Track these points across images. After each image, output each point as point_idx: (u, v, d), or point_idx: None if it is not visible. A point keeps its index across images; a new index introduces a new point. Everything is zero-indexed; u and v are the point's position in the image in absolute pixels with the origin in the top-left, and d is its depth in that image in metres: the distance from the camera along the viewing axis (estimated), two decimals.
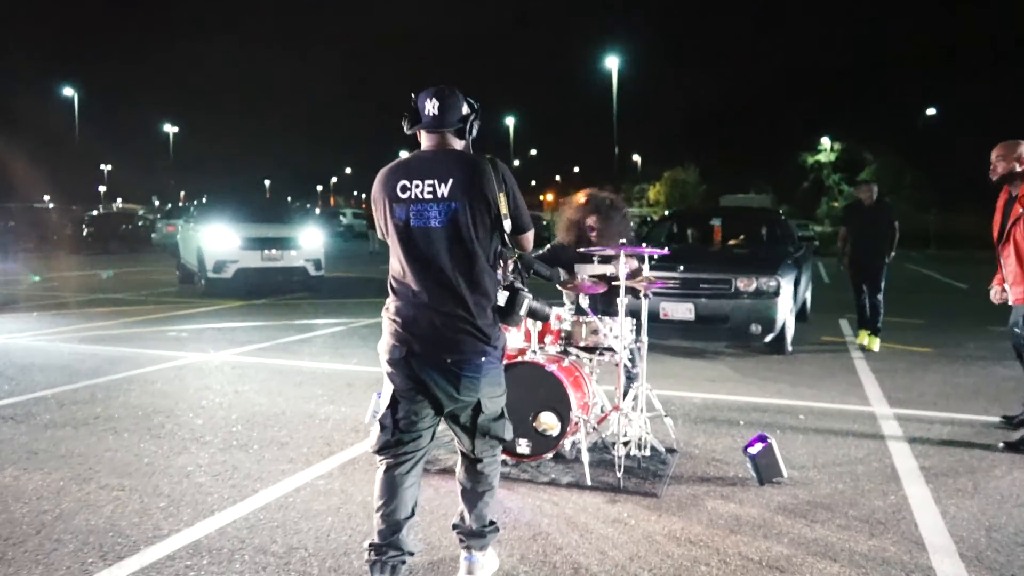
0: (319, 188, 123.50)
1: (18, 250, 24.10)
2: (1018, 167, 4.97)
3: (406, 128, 2.78)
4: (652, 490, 4.10)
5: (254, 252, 13.60)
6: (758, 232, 10.31)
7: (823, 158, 54.09)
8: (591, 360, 4.76)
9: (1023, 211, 4.90)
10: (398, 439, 2.75)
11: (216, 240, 13.60)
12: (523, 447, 4.35)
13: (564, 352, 4.66)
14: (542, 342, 4.58)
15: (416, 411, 2.74)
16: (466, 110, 2.76)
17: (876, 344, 8.43)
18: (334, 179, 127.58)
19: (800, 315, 9.67)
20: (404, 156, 2.84)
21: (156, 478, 4.27)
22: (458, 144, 2.77)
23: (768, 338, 7.95)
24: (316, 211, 48.17)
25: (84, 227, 30.45)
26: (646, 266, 4.73)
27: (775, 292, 7.84)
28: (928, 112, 48.47)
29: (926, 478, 4.33)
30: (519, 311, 2.78)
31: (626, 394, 4.71)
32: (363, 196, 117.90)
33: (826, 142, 54.12)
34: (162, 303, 12.84)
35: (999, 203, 5.13)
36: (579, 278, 4.58)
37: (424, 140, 2.78)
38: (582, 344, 4.58)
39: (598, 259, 4.77)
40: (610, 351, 4.52)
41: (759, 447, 4.23)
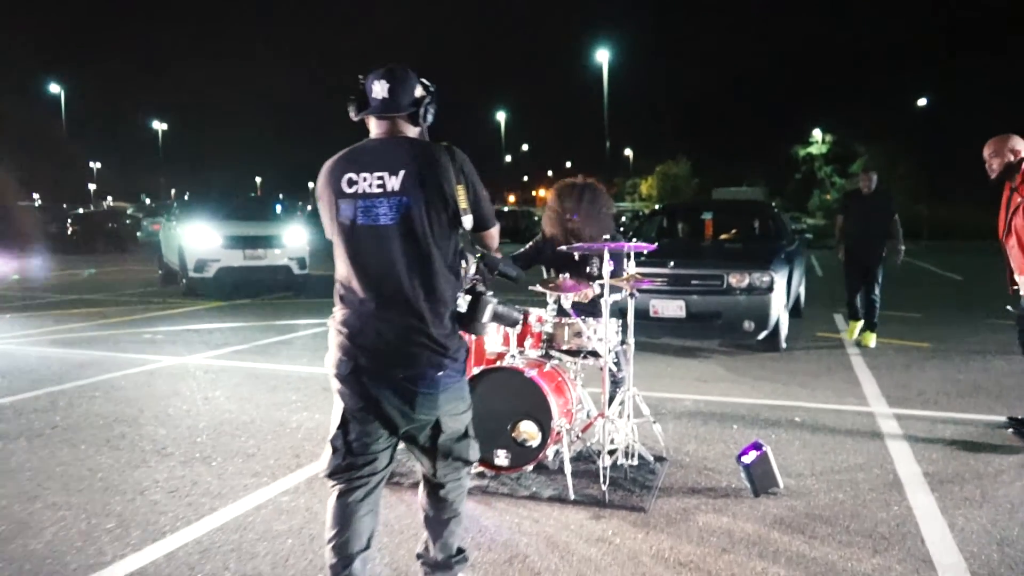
0: (311, 185, 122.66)
1: None
2: (1012, 158, 4.82)
3: (352, 114, 2.48)
4: (639, 504, 3.82)
5: (236, 251, 13.27)
6: (750, 226, 10.04)
7: (815, 150, 53.94)
8: (575, 363, 4.49)
9: (1022, 200, 4.67)
10: (350, 463, 2.45)
11: (197, 238, 13.27)
12: (501, 459, 4.07)
13: (546, 356, 4.39)
14: (521, 346, 4.30)
15: (369, 431, 2.44)
16: (420, 92, 2.47)
17: (872, 340, 8.19)
18: None
19: (794, 310, 9.42)
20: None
21: (108, 495, 3.98)
22: (412, 131, 2.48)
23: (761, 335, 7.69)
24: (307, 208, 47.71)
25: (69, 226, 29.99)
26: (632, 263, 4.45)
27: (768, 287, 7.58)
28: (920, 102, 48.31)
29: (931, 485, 4.07)
30: (482, 317, 2.46)
31: (612, 400, 4.45)
32: None
33: (818, 134, 53.96)
34: (142, 303, 12.52)
35: (1003, 199, 4.90)
36: (560, 277, 4.31)
37: (373, 127, 2.49)
38: (564, 347, 4.31)
39: (578, 256, 4.51)
40: (594, 355, 4.25)
41: (753, 455, 3.96)
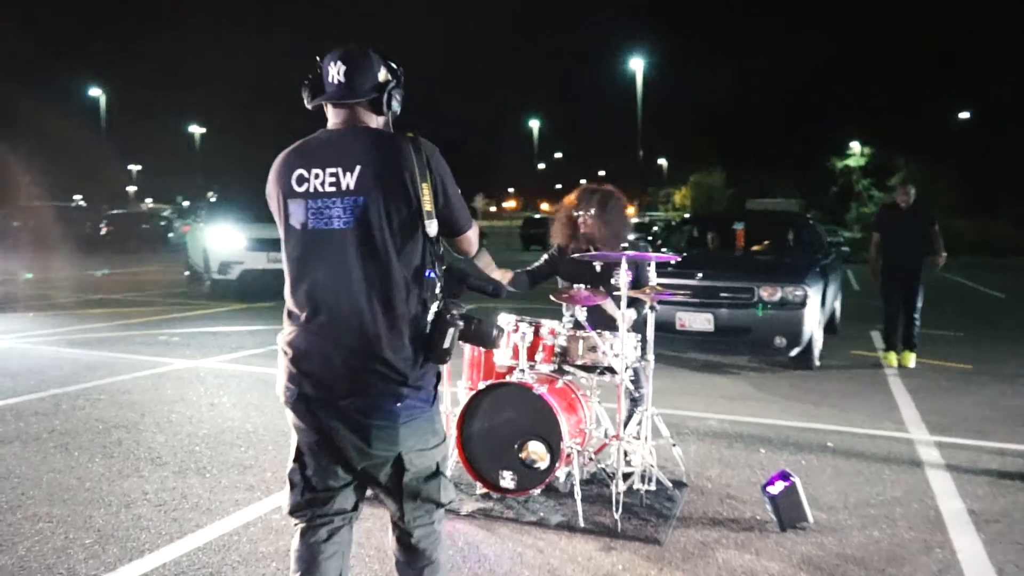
0: None
1: (28, 249, 23.97)
2: None
3: (307, 101, 2.17)
4: (654, 535, 3.53)
5: (260, 253, 13.14)
6: (784, 237, 9.65)
7: (853, 163, 52.93)
8: (591, 380, 4.21)
9: None
10: (310, 499, 2.15)
11: (221, 240, 13.18)
12: (507, 481, 3.80)
13: (559, 371, 4.11)
14: (532, 359, 4.02)
15: (326, 467, 2.13)
16: (383, 76, 2.14)
17: (911, 359, 7.77)
18: None
19: (829, 326, 9.02)
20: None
21: (92, 508, 3.77)
22: (374, 120, 2.16)
23: (794, 352, 7.33)
24: None
25: (103, 226, 30.32)
26: (653, 273, 4.16)
27: (802, 302, 7.22)
28: (962, 116, 47.21)
29: (976, 525, 3.72)
30: (443, 343, 2.05)
31: (628, 420, 4.17)
32: None
33: (856, 147, 52.97)
34: (164, 304, 12.46)
35: None
36: (575, 287, 4.03)
37: (330, 116, 2.17)
38: (579, 362, 4.03)
39: (600, 267, 4.23)
40: (611, 371, 3.96)
41: (780, 486, 3.64)
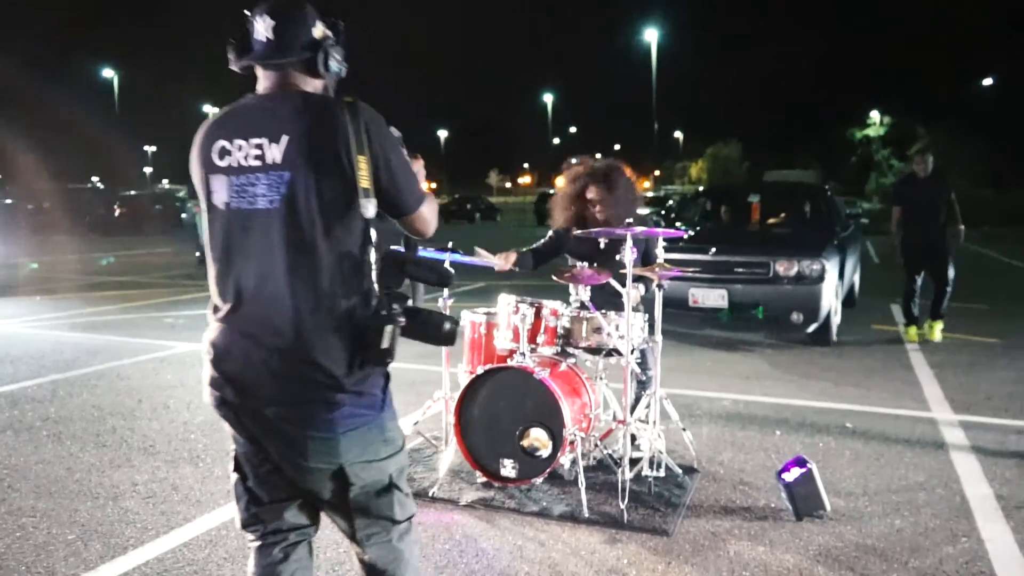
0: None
1: (42, 231, 24.01)
2: None
3: (233, 62, 1.87)
4: (662, 525, 3.35)
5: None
6: (801, 210, 9.35)
7: (872, 132, 52.05)
8: (596, 363, 4.02)
9: None
10: (257, 514, 1.90)
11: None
12: (508, 469, 3.63)
13: (562, 354, 3.92)
14: (534, 342, 3.83)
15: (267, 479, 1.86)
16: (319, 32, 1.83)
17: (938, 332, 7.47)
18: None
19: (847, 300, 8.77)
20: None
21: (79, 500, 3.64)
22: (309, 84, 1.85)
23: (811, 328, 7.10)
24: None
25: (116, 208, 30.35)
26: (661, 250, 3.94)
27: (819, 276, 6.98)
28: (984, 82, 46.20)
29: (1005, 512, 3.51)
30: (381, 343, 1.73)
31: (636, 404, 3.98)
32: None
33: (876, 116, 52.06)
34: (171, 287, 12.37)
35: None
36: (579, 266, 3.83)
37: (260, 79, 1.87)
38: (583, 344, 3.84)
39: (604, 244, 4.01)
40: (617, 353, 3.77)
41: (796, 473, 3.45)
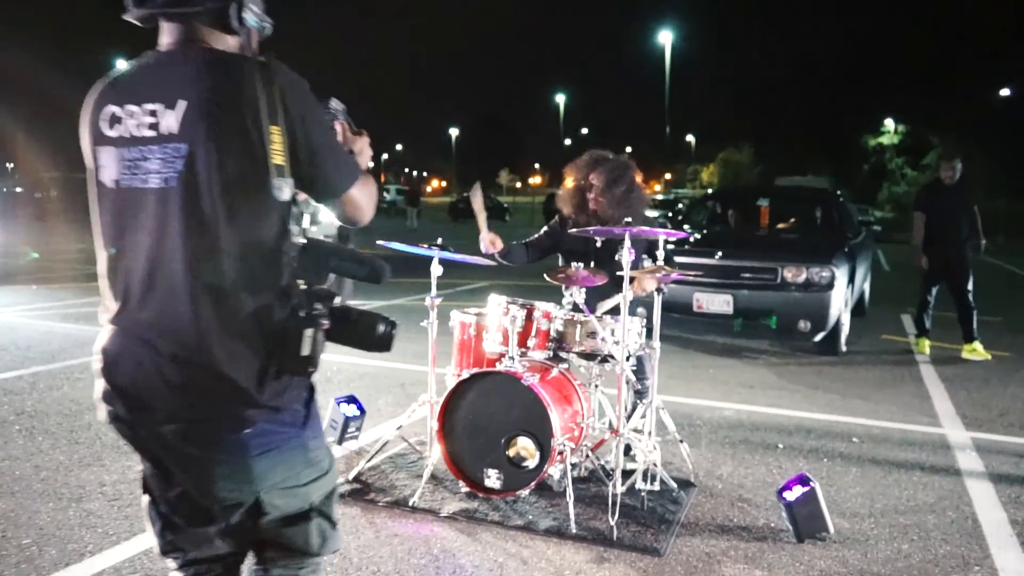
0: (371, 164, 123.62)
1: (49, 219, 23.98)
2: None
3: (129, 11, 1.57)
4: (653, 544, 3.15)
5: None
6: (811, 215, 9.14)
7: (886, 140, 51.59)
8: (590, 369, 3.83)
9: None
10: (173, 541, 1.66)
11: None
12: (493, 480, 3.43)
13: (554, 358, 3.73)
14: (524, 346, 3.64)
15: (177, 503, 1.61)
16: None
17: (980, 349, 7.05)
18: (385, 155, 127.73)
19: (857, 309, 8.53)
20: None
21: (41, 501, 3.46)
22: (221, 41, 1.55)
23: (818, 337, 6.87)
24: None
25: None
26: (661, 252, 3.74)
27: (828, 284, 6.76)
28: (1002, 92, 45.67)
29: (1020, 539, 3.29)
30: (301, 348, 1.48)
31: (631, 414, 3.78)
32: (413, 173, 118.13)
33: (890, 124, 51.61)
34: None
35: None
36: (573, 266, 3.63)
37: (162, 34, 1.58)
38: (576, 349, 3.64)
39: (601, 243, 3.82)
40: (612, 359, 3.58)
41: (798, 492, 3.24)
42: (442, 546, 3.12)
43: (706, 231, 8.62)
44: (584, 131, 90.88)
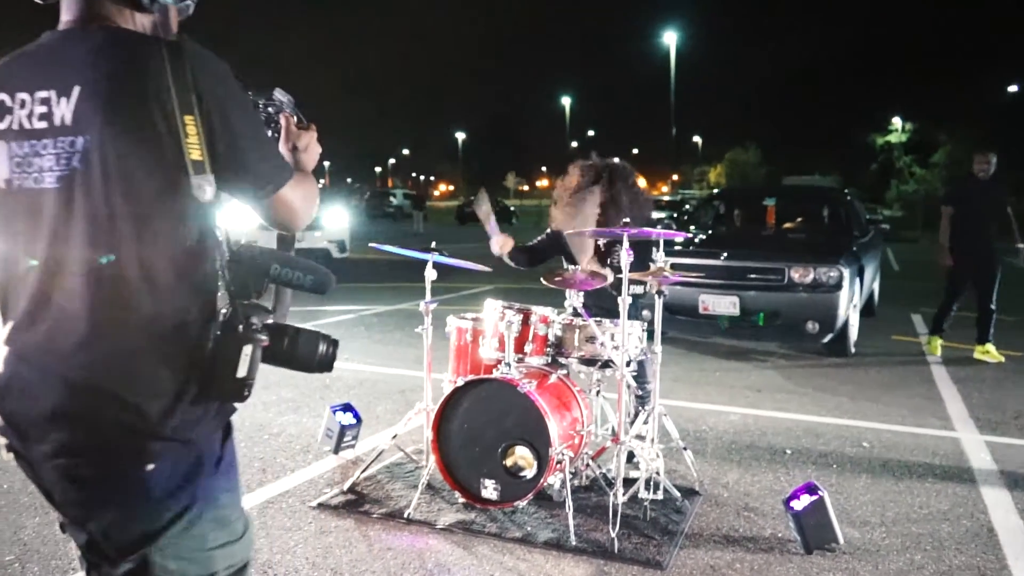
0: (377, 169, 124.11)
1: None
2: None
3: None
4: (656, 557, 3.03)
5: (271, 232, 12.80)
6: (819, 214, 9.00)
7: (894, 139, 51.27)
8: (590, 375, 3.72)
9: None
10: None
11: (231, 220, 12.87)
12: (490, 490, 3.33)
13: (552, 364, 3.62)
14: (521, 351, 3.53)
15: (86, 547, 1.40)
16: None
17: (993, 351, 6.85)
18: (392, 160, 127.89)
19: (866, 309, 8.39)
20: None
21: (27, 515, 3.38)
22: (128, 20, 1.35)
23: (827, 338, 6.74)
24: (367, 194, 47.76)
25: None
26: (661, 253, 3.63)
27: (836, 284, 6.62)
28: (1010, 89, 45.37)
29: None
30: (236, 370, 1.30)
31: (633, 421, 3.67)
32: (420, 177, 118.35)
33: (898, 122, 51.30)
34: None
35: None
36: (571, 269, 3.53)
37: (63, 11, 1.37)
38: (575, 355, 3.54)
39: (602, 245, 3.72)
40: (612, 364, 3.47)
41: (806, 501, 3.12)
42: (436, 560, 3.02)
43: (712, 231, 8.50)
44: (591, 133, 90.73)
